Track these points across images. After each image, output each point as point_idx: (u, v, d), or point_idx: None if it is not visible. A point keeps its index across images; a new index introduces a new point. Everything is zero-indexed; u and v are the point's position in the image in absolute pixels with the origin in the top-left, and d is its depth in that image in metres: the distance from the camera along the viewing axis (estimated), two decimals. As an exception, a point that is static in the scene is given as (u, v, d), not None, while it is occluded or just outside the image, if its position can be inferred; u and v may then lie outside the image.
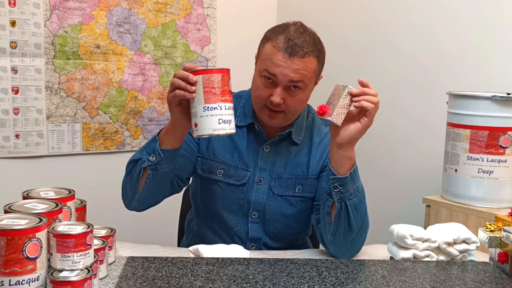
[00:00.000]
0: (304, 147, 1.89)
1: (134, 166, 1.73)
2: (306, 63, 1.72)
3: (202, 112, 1.46)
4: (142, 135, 3.12)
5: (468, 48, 2.62)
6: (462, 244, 1.59)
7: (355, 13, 3.20)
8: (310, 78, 1.75)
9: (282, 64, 1.69)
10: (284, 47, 1.69)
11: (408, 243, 1.58)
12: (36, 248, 1.16)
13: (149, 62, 3.10)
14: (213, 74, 1.46)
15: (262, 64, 1.74)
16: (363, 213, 1.69)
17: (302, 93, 1.76)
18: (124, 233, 1.89)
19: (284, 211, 1.88)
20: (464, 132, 2.26)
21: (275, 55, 1.70)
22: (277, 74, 1.69)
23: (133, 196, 1.76)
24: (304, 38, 1.73)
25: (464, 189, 2.29)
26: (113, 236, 1.46)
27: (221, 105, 1.46)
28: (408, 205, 2.85)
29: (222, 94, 1.46)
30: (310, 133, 1.91)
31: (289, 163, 1.88)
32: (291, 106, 1.75)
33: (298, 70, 1.70)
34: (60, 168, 2.87)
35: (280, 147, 1.88)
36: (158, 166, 1.67)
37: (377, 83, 3.04)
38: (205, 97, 1.46)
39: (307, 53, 1.71)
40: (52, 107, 2.80)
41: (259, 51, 1.80)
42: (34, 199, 1.35)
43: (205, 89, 1.46)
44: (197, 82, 1.47)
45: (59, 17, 2.77)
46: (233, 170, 1.86)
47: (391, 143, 3.01)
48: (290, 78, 1.69)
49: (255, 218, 1.88)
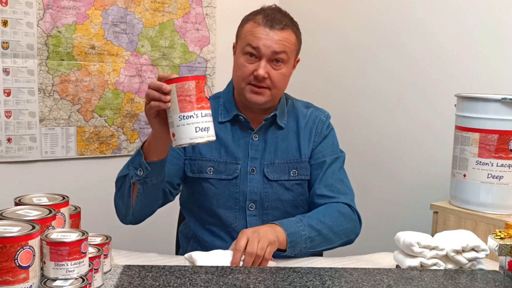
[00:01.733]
0: (290, 131, 1.99)
1: (123, 182, 1.78)
2: (286, 35, 1.86)
3: (178, 121, 1.47)
4: (138, 139, 3.12)
5: (477, 49, 2.62)
6: (471, 252, 1.59)
7: (359, 12, 3.20)
8: (291, 51, 1.89)
9: (264, 37, 1.83)
10: (263, 21, 1.84)
11: (415, 251, 1.58)
12: (28, 256, 1.16)
13: (146, 63, 3.10)
14: (186, 81, 1.48)
15: (243, 41, 1.88)
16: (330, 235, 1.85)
17: (284, 67, 1.88)
18: (120, 241, 1.89)
19: (281, 196, 1.96)
20: (473, 135, 2.26)
21: (256, 29, 1.84)
22: (260, 46, 1.82)
23: (127, 211, 1.81)
24: (281, 14, 1.89)
25: (473, 195, 2.29)
26: (109, 244, 1.47)
27: (197, 112, 1.47)
28: (415, 211, 2.84)
29: (198, 101, 1.47)
30: (295, 117, 2.02)
31: (279, 148, 1.97)
32: (275, 80, 1.86)
33: (280, 41, 1.84)
34: (53, 173, 2.87)
35: (268, 134, 1.97)
36: (147, 179, 1.71)
37: (382, 85, 3.06)
38: (180, 106, 1.47)
39: (286, 25, 1.86)
40: (45, 110, 2.80)
41: (238, 34, 1.95)
42: (26, 206, 1.36)
43: (179, 97, 1.47)
44: (171, 91, 1.49)
45: (52, 16, 2.78)
46: (223, 166, 1.93)
47: (397, 147, 3.01)
48: (273, 49, 1.83)
49: (252, 211, 1.94)
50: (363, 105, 3.18)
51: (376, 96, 3.11)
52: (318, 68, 3.40)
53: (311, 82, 3.39)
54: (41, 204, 1.37)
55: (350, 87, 3.25)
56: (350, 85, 3.25)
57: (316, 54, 3.39)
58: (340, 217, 1.89)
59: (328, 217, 1.86)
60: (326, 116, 2.07)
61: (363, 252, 1.90)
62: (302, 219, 1.82)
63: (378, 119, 3.11)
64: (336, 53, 3.32)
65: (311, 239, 1.79)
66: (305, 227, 1.79)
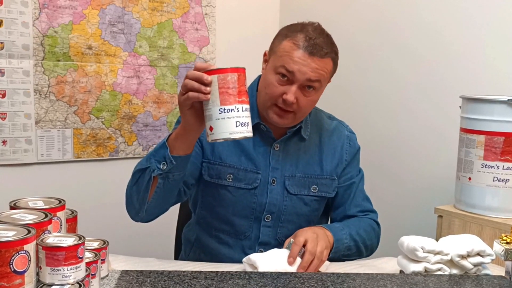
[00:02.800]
0: (313, 144, 1.96)
1: (142, 175, 1.71)
2: (325, 63, 1.78)
3: (218, 115, 1.44)
4: (136, 141, 3.12)
5: (483, 49, 2.62)
6: (476, 257, 1.59)
7: (361, 11, 3.20)
8: (325, 79, 1.83)
9: (302, 62, 1.74)
10: (304, 45, 1.75)
11: (419, 256, 1.58)
12: (24, 261, 1.16)
13: (144, 64, 3.10)
14: (228, 73, 1.44)
15: (278, 60, 1.78)
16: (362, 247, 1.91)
17: (315, 94, 1.82)
18: (117, 245, 1.89)
19: (298, 211, 1.94)
20: (478, 138, 2.26)
21: (294, 52, 1.75)
22: (295, 71, 1.74)
23: (141, 206, 1.74)
24: (323, 38, 1.80)
25: (479, 199, 2.29)
26: (106, 249, 1.46)
27: (238, 106, 1.44)
28: (419, 215, 2.84)
29: (239, 94, 1.45)
30: (317, 129, 1.99)
31: (300, 161, 1.94)
32: (302, 106, 1.81)
33: (317, 69, 1.76)
34: (49, 176, 2.87)
35: (289, 145, 1.93)
36: (169, 174, 1.66)
37: (385, 85, 3.06)
38: (221, 98, 1.44)
39: (327, 53, 1.78)
40: (41, 111, 2.80)
41: (273, 47, 1.84)
42: (22, 209, 1.35)
43: (220, 89, 1.44)
44: (212, 82, 1.45)
45: (48, 16, 2.78)
46: (243, 174, 1.89)
47: (401, 150, 3.01)
48: (308, 77, 1.75)
49: (267, 222, 1.92)
50: (365, 106, 3.19)
51: (379, 97, 3.11)
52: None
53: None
54: (37, 208, 1.37)
55: (352, 88, 3.25)
56: (352, 85, 3.25)
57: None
58: (372, 232, 1.95)
59: (364, 231, 1.91)
60: (350, 131, 2.06)
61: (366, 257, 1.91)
62: (344, 227, 1.85)
63: (381, 120, 3.11)
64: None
65: (348, 249, 1.83)
66: (347, 236, 1.82)
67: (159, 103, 3.16)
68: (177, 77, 3.22)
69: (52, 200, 1.43)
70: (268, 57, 1.87)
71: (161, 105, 3.18)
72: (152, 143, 3.16)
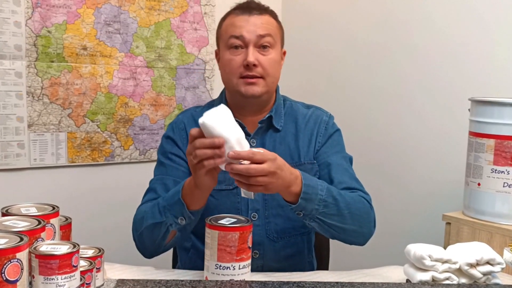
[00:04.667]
0: (289, 133, 2.01)
1: (156, 227, 1.77)
2: (267, 19, 1.92)
3: (214, 269, 1.56)
4: (133, 145, 3.12)
5: (493, 49, 2.62)
6: (485, 266, 1.59)
7: (365, 8, 3.20)
8: (275, 34, 1.93)
9: (245, 24, 1.88)
10: (240, 10, 1.92)
11: (426, 265, 1.58)
12: (16, 270, 1.16)
13: (141, 65, 3.11)
14: (230, 232, 1.54)
15: (225, 36, 1.92)
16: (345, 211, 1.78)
17: (273, 52, 1.91)
18: (113, 254, 1.89)
19: (281, 202, 1.85)
20: (488, 142, 2.26)
21: (235, 19, 1.91)
22: (243, 33, 1.87)
23: (156, 250, 1.84)
24: (256, 3, 1.96)
25: (488, 205, 2.29)
26: (101, 257, 1.47)
27: (234, 265, 1.54)
28: (426, 222, 2.84)
29: (238, 253, 1.54)
30: (293, 118, 2.04)
31: (276, 152, 1.87)
32: (266, 66, 1.89)
33: (262, 24, 1.89)
34: (43, 181, 2.87)
35: (265, 138, 1.99)
36: (187, 226, 1.75)
37: (390, 86, 3.07)
38: (218, 255, 1.55)
39: (265, 10, 1.94)
40: (34, 114, 2.80)
41: (218, 35, 2.00)
42: (14, 216, 1.36)
43: (219, 246, 1.54)
44: (212, 236, 1.55)
45: (41, 15, 2.78)
46: (221, 175, 1.84)
47: (407, 154, 3.01)
48: (257, 33, 1.88)
49: (255, 220, 1.94)
50: (370, 108, 3.19)
51: (384, 99, 3.11)
52: (321, 67, 3.40)
53: (314, 83, 3.40)
54: (30, 214, 1.37)
55: (356, 89, 3.25)
56: (356, 86, 3.25)
57: (319, 52, 3.40)
58: (360, 202, 1.85)
59: (349, 196, 1.82)
60: (329, 116, 2.08)
61: (371, 266, 1.90)
62: (324, 182, 1.77)
63: (386, 123, 3.11)
64: (341, 52, 3.32)
65: (325, 204, 1.72)
66: (323, 188, 1.73)
67: (157, 105, 3.16)
68: (175, 78, 3.22)
69: (46, 207, 1.43)
70: (218, 49, 2.00)
71: (159, 108, 3.18)
72: (149, 147, 3.16)
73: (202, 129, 1.52)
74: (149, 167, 2.92)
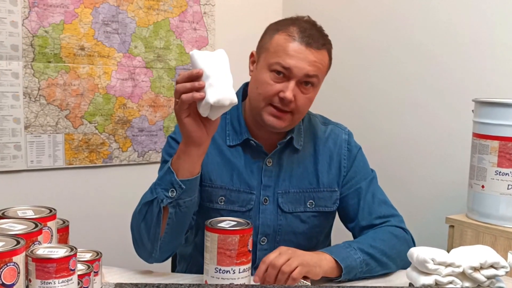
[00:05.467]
0: (307, 154, 1.91)
1: (149, 209, 1.66)
2: (322, 55, 1.77)
3: (214, 273, 1.55)
4: (131, 147, 3.12)
5: (497, 50, 2.62)
6: (489, 269, 1.59)
7: (367, 7, 3.20)
8: (323, 74, 1.81)
9: (298, 56, 1.72)
10: (299, 36, 1.73)
11: (430, 268, 1.58)
12: (13, 273, 1.16)
13: (139, 66, 3.11)
14: (230, 235, 1.53)
15: (271, 56, 1.75)
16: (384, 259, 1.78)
17: (313, 91, 1.80)
18: (111, 257, 1.89)
19: (295, 229, 1.88)
20: (492, 143, 2.26)
21: (289, 45, 1.73)
22: (292, 66, 1.71)
23: (153, 245, 1.70)
24: (317, 30, 1.79)
25: (492, 208, 2.28)
26: (99, 260, 1.47)
27: (235, 268, 1.53)
28: (429, 225, 2.84)
29: (238, 256, 1.53)
30: (312, 136, 1.94)
31: (294, 175, 1.88)
32: (300, 105, 1.77)
33: (315, 62, 1.74)
34: (40, 184, 2.88)
35: (283, 158, 1.89)
36: (180, 201, 1.62)
37: (392, 86, 3.06)
38: (218, 258, 1.53)
39: (324, 44, 1.78)
40: (31, 116, 2.80)
41: (263, 44, 1.81)
42: (10, 219, 1.36)
43: (219, 250, 1.53)
44: (211, 240, 1.53)
45: (38, 15, 2.78)
46: (236, 195, 1.84)
47: (409, 156, 3.01)
48: (306, 71, 1.73)
49: (263, 245, 1.88)
50: (371, 109, 3.18)
51: (386, 99, 3.11)
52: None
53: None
54: (27, 217, 1.37)
55: (357, 89, 3.25)
56: (357, 86, 3.25)
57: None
58: (393, 239, 1.84)
59: (379, 241, 1.81)
60: (348, 133, 2.00)
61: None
62: (351, 244, 1.76)
63: (387, 124, 3.10)
64: (342, 51, 3.32)
65: (366, 263, 1.73)
66: (356, 251, 1.73)
67: (155, 107, 3.16)
68: (174, 79, 3.22)
69: (43, 209, 1.43)
70: (257, 57, 1.83)
71: (158, 109, 3.18)
72: (148, 149, 3.16)
73: (191, 62, 1.50)
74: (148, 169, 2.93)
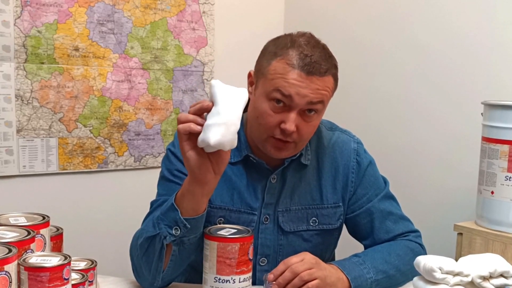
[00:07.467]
0: (310, 167, 1.86)
1: (151, 244, 1.61)
2: (325, 82, 1.67)
3: (213, 283, 1.54)
4: (127, 151, 3.12)
5: (507, 49, 2.62)
6: (499, 278, 1.59)
7: (371, 6, 3.19)
8: (328, 98, 1.72)
9: (299, 84, 1.63)
10: (299, 64, 1.64)
11: (437, 277, 1.58)
12: (4, 283, 1.16)
13: (136, 67, 3.11)
14: (230, 243, 1.52)
15: (270, 84, 1.66)
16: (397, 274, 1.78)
17: (317, 118, 1.73)
18: (107, 266, 1.89)
19: (298, 249, 1.79)
20: (502, 148, 2.26)
21: (288, 74, 1.64)
22: (292, 95, 1.63)
23: (154, 277, 1.65)
24: (320, 52, 1.68)
25: (502, 215, 2.28)
26: (94, 269, 1.47)
27: (234, 278, 1.53)
28: (437, 232, 2.84)
29: (238, 265, 1.53)
30: (314, 146, 1.88)
31: (296, 191, 1.84)
32: (304, 134, 1.71)
33: (318, 90, 1.65)
34: (32, 190, 2.87)
35: (286, 174, 1.83)
36: (184, 239, 1.58)
37: (396, 89, 3.07)
38: (217, 267, 1.53)
39: (327, 70, 1.67)
40: (23, 119, 2.80)
41: (261, 69, 1.72)
42: (2, 226, 1.36)
43: (218, 258, 1.52)
44: (211, 248, 1.53)
45: (31, 14, 2.79)
46: (236, 216, 1.80)
47: (415, 160, 3.01)
48: (309, 99, 1.64)
49: (263, 266, 1.84)
50: (375, 113, 3.18)
51: (391, 102, 3.10)
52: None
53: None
54: (19, 224, 1.37)
55: (360, 92, 3.24)
56: (360, 89, 3.24)
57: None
58: (408, 254, 1.82)
59: (395, 255, 1.79)
60: (357, 142, 1.94)
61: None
62: (365, 260, 1.73)
63: (392, 128, 3.10)
64: (345, 52, 3.32)
65: (376, 283, 1.71)
66: (369, 270, 1.71)
67: (152, 109, 3.16)
68: (172, 81, 3.22)
69: (35, 216, 1.43)
70: (255, 80, 1.75)
71: (155, 112, 3.18)
72: (144, 153, 3.16)
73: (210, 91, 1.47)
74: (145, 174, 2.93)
